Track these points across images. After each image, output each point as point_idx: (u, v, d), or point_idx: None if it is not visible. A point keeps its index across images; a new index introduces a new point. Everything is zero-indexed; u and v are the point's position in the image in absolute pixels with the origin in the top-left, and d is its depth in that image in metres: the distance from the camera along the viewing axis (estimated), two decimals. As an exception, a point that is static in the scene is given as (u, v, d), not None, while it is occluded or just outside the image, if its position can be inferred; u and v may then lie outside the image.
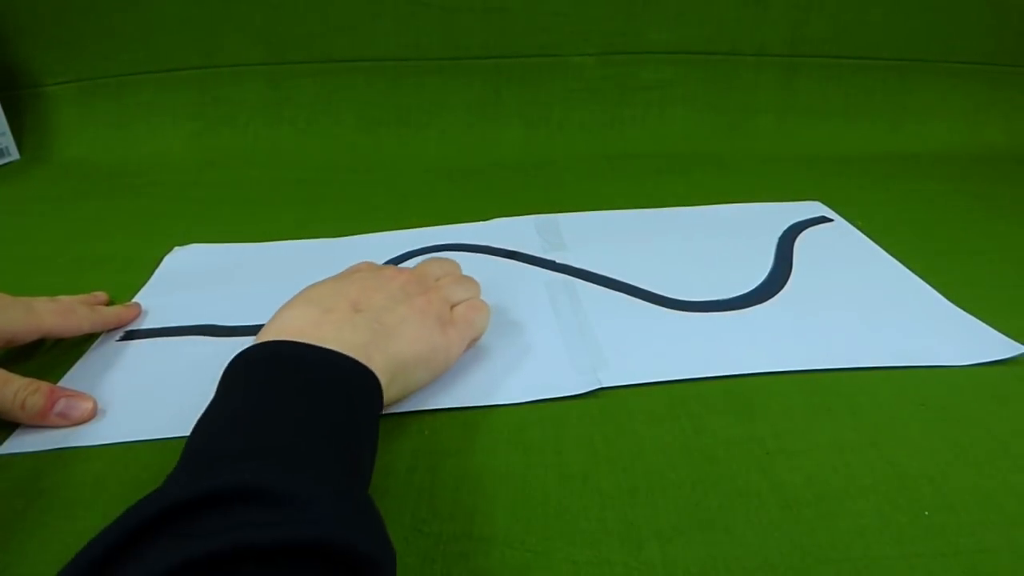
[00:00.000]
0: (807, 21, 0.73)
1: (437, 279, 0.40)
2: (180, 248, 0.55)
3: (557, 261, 0.50)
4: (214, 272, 0.51)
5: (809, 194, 0.61)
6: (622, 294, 0.46)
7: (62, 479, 0.32)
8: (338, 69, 0.75)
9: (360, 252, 0.53)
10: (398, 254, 0.53)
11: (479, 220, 0.58)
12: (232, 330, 0.44)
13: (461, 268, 0.42)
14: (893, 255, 0.50)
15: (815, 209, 0.59)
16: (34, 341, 0.41)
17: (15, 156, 0.76)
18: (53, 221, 0.61)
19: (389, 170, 0.71)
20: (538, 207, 0.59)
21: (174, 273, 0.51)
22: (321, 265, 0.52)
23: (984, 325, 0.42)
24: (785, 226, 0.56)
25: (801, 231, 0.55)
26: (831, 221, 0.57)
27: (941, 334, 0.41)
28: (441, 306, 0.37)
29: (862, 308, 0.44)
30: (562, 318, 0.44)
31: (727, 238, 0.54)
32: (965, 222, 0.57)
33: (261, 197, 0.65)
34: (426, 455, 0.33)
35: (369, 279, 0.37)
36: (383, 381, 0.31)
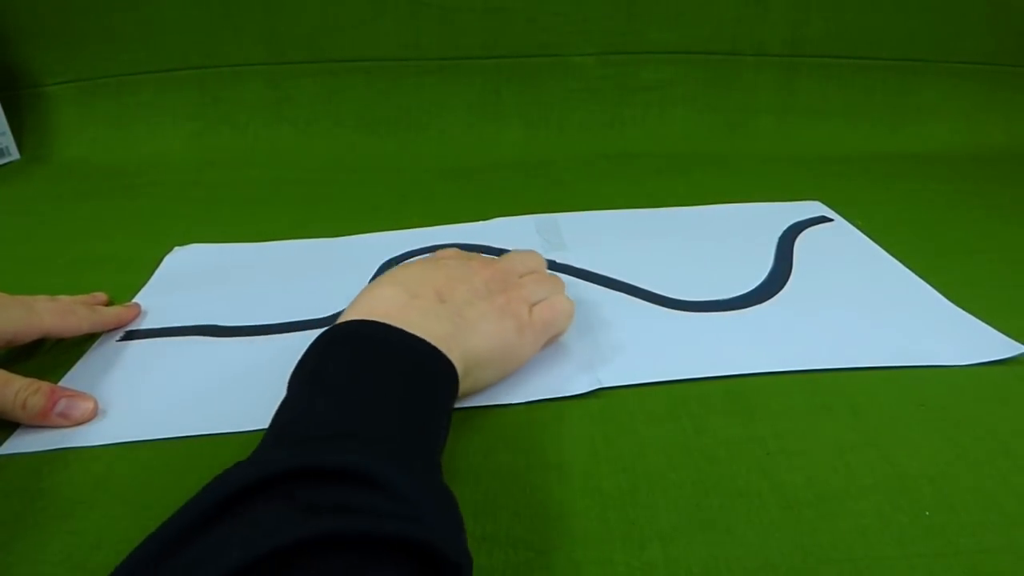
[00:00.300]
0: (807, 21, 0.73)
1: (521, 276, 0.39)
2: (180, 248, 0.55)
3: (557, 261, 0.50)
4: (214, 272, 0.51)
5: (809, 194, 0.61)
6: (622, 294, 0.46)
7: (62, 479, 0.32)
8: (338, 69, 0.75)
9: (360, 252, 0.53)
10: (398, 254, 0.53)
11: (479, 220, 0.58)
12: (232, 330, 0.44)
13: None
14: (893, 255, 0.50)
15: (815, 209, 0.59)
16: (34, 341, 0.41)
17: (15, 156, 0.76)
18: (53, 221, 0.61)
19: (389, 170, 0.71)
20: (538, 207, 0.59)
21: (174, 273, 0.51)
22: (321, 265, 0.52)
23: (984, 325, 0.42)
24: (785, 226, 0.56)
25: (801, 231, 0.55)
26: (831, 221, 0.57)
27: (941, 334, 0.41)
28: (520, 306, 0.36)
29: (862, 308, 0.44)
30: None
31: (727, 238, 0.54)
32: (965, 222, 0.57)
33: (261, 197, 0.65)
34: (427, 455, 0.33)
35: (456, 269, 0.37)
36: (458, 374, 0.32)
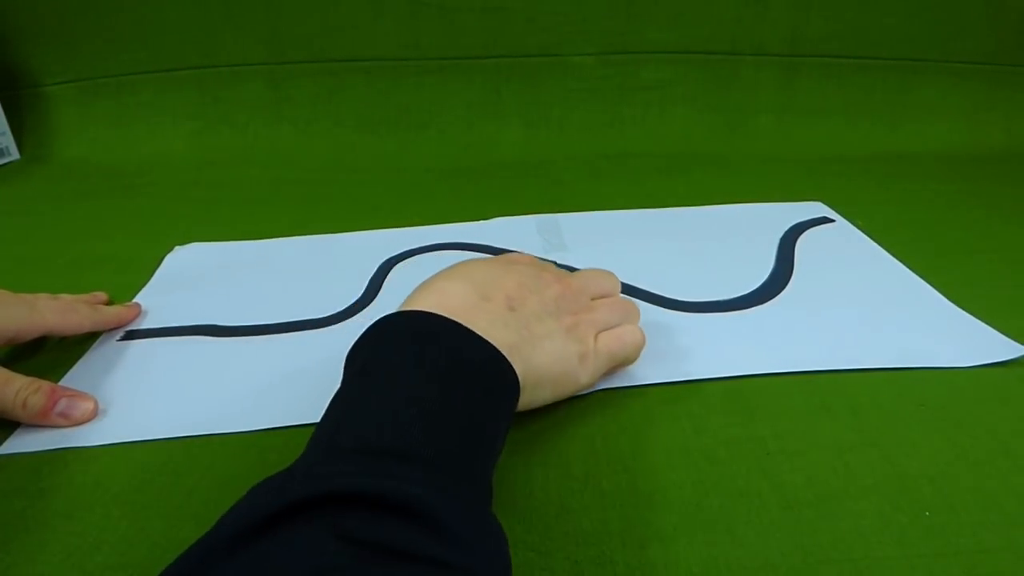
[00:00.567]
0: (807, 21, 0.73)
1: (593, 298, 0.38)
2: (180, 247, 0.55)
3: (558, 261, 0.50)
4: (214, 271, 0.51)
5: (809, 194, 0.61)
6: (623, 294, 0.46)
7: (62, 479, 0.32)
8: (338, 69, 0.75)
9: (360, 250, 0.53)
10: (398, 252, 0.53)
11: (479, 220, 0.58)
12: (232, 330, 0.44)
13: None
14: (893, 255, 0.50)
15: (817, 209, 0.59)
16: (35, 340, 0.41)
17: (15, 156, 0.76)
18: (53, 221, 0.61)
19: (389, 170, 0.71)
20: (538, 207, 0.59)
21: (175, 273, 0.51)
22: (321, 264, 0.52)
23: (985, 326, 0.41)
24: (787, 226, 0.56)
25: (803, 231, 0.55)
26: (833, 222, 0.57)
27: (942, 335, 0.41)
28: (588, 331, 0.35)
29: (863, 309, 0.44)
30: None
31: (728, 238, 0.54)
32: (965, 222, 0.57)
33: (261, 197, 0.65)
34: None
35: (528, 277, 0.35)
36: None
